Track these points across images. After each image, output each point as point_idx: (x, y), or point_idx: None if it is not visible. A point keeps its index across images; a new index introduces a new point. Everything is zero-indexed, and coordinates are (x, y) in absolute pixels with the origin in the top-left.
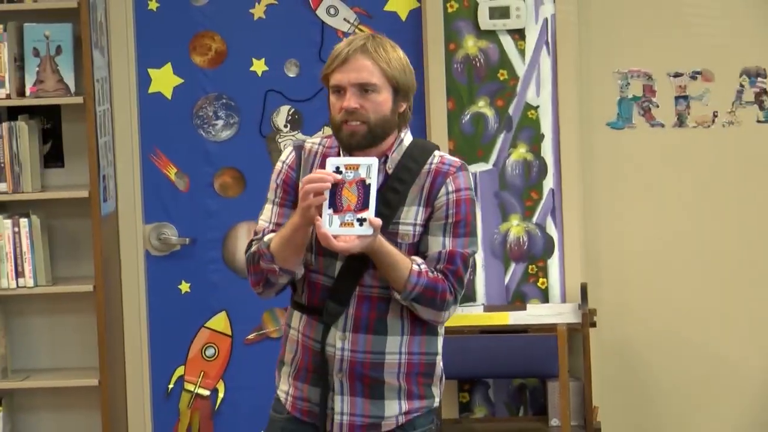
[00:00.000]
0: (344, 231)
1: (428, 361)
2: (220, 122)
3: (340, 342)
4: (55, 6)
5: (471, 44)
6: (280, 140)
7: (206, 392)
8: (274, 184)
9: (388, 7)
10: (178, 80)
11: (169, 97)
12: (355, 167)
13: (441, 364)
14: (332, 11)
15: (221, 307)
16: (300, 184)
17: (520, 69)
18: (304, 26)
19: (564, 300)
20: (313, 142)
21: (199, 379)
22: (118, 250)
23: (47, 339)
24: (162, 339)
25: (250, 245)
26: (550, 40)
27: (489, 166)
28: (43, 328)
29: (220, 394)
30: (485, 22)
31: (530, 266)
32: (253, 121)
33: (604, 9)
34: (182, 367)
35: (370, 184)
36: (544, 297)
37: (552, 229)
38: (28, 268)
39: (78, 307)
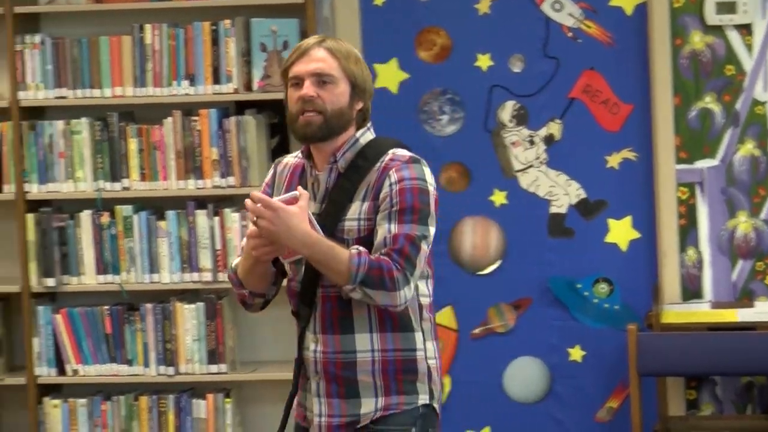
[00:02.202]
0: (296, 257)
1: (406, 357)
2: (446, 117)
3: (312, 344)
4: (282, 1)
5: (697, 39)
6: (505, 135)
7: None
8: None
9: (613, 2)
10: (404, 75)
11: (395, 92)
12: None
13: (430, 361)
14: (557, 6)
15: (447, 302)
16: (247, 235)
17: (747, 64)
18: (529, 21)
19: None
20: (291, 156)
21: None
22: None
23: (273, 332)
24: None
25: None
26: None
27: (716, 162)
28: (269, 321)
29: (446, 389)
30: (712, 17)
31: (758, 263)
32: (478, 116)
33: None
34: None
35: None
36: None
37: None
38: None
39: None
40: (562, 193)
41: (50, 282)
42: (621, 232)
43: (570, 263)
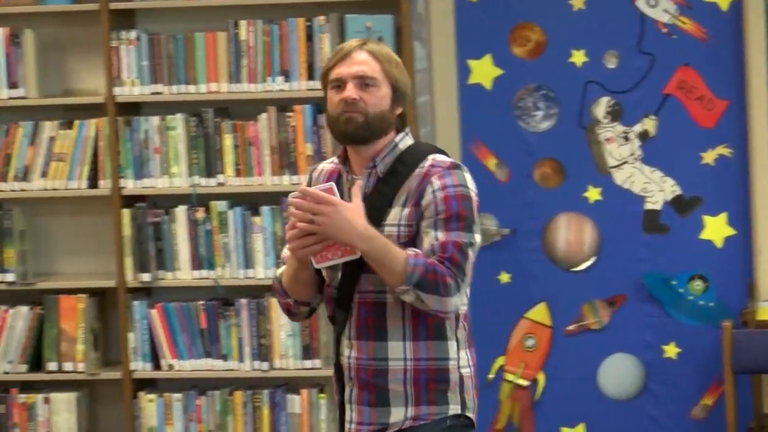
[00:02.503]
0: (330, 263)
1: (439, 367)
2: (540, 113)
3: (347, 350)
4: None
5: None
6: (599, 131)
7: (526, 383)
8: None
9: None
10: (498, 71)
11: (489, 88)
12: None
13: (463, 370)
14: (652, 2)
15: (541, 298)
16: (285, 229)
17: None
18: (624, 17)
19: None
20: (326, 162)
21: (520, 370)
22: None
23: None
24: (482, 329)
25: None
26: None
27: None
28: None
29: (540, 385)
30: None
31: None
32: (573, 111)
33: None
34: (502, 358)
35: None
36: None
37: None
38: None
39: None
40: (656, 189)
41: (146, 277)
42: (716, 228)
43: (665, 260)
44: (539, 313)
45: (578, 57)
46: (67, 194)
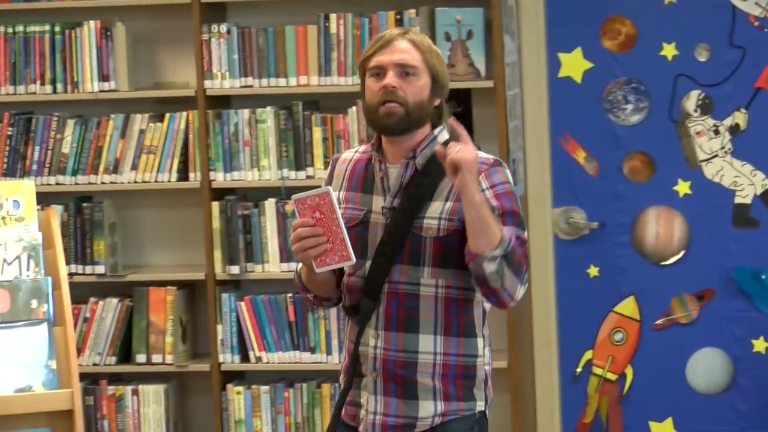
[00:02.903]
0: (329, 267)
1: (467, 363)
2: (630, 106)
3: (373, 340)
4: None
5: None
6: (689, 125)
7: (614, 377)
8: None
9: None
10: (588, 64)
11: (579, 81)
12: (314, 198)
13: (487, 367)
14: None
15: (629, 292)
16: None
17: None
18: (715, 10)
19: None
20: (349, 151)
21: (608, 364)
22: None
23: None
24: (570, 323)
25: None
26: None
27: None
28: None
29: (628, 379)
30: None
31: None
32: (663, 105)
33: None
34: (590, 351)
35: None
36: None
37: None
38: None
39: None
40: (747, 183)
41: (234, 269)
42: None
43: (754, 254)
44: (628, 306)
45: (669, 50)
46: (157, 187)
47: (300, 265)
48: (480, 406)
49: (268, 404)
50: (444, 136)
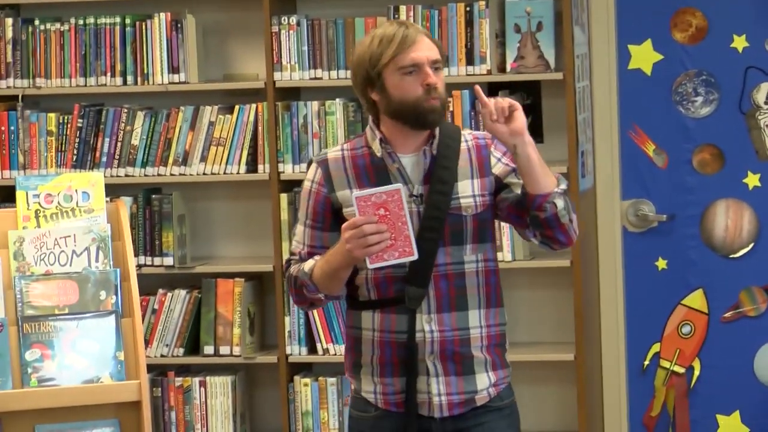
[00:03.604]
0: (385, 263)
1: (502, 332)
2: (700, 99)
3: (427, 325)
4: None
5: None
6: (759, 117)
7: (682, 370)
8: (304, 203)
9: None
10: (658, 56)
11: (649, 74)
12: (380, 196)
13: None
14: None
15: (698, 285)
16: (342, 229)
17: None
18: None
19: None
20: (334, 151)
21: (675, 357)
22: (595, 225)
23: (525, 313)
24: (638, 315)
25: (288, 264)
26: None
27: None
28: (522, 302)
29: (696, 372)
30: None
31: None
32: (733, 97)
33: None
34: (658, 344)
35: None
36: None
37: None
38: (506, 243)
39: (555, 281)
40: None
41: None
42: None
43: None
44: (696, 299)
45: (739, 42)
46: (225, 179)
47: (309, 265)
48: (510, 370)
49: (335, 396)
50: None
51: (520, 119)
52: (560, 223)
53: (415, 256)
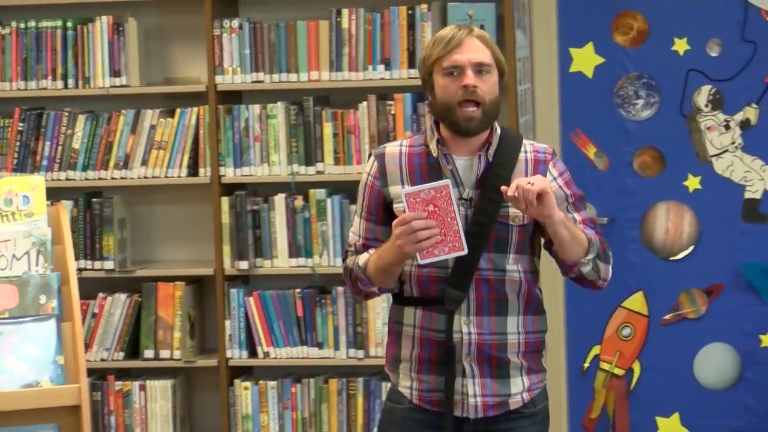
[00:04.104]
0: (435, 259)
1: (541, 339)
2: (641, 101)
3: (465, 327)
4: None
5: None
6: (700, 120)
7: (621, 372)
8: (361, 195)
9: None
10: (599, 59)
11: (590, 77)
12: (429, 192)
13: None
14: None
15: (638, 287)
16: (393, 225)
17: None
18: (727, 5)
19: None
20: (392, 145)
21: (615, 359)
22: None
23: None
24: (578, 317)
25: (345, 255)
26: None
27: None
28: None
29: (636, 374)
30: None
31: None
32: (674, 100)
33: None
34: (598, 346)
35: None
36: None
37: None
38: None
39: None
40: (757, 178)
41: (243, 265)
42: None
43: (764, 249)
44: (636, 302)
45: (680, 45)
46: (167, 182)
47: (364, 259)
48: (545, 375)
49: (275, 400)
50: (497, 127)
51: (550, 203)
52: (587, 281)
53: (466, 251)
